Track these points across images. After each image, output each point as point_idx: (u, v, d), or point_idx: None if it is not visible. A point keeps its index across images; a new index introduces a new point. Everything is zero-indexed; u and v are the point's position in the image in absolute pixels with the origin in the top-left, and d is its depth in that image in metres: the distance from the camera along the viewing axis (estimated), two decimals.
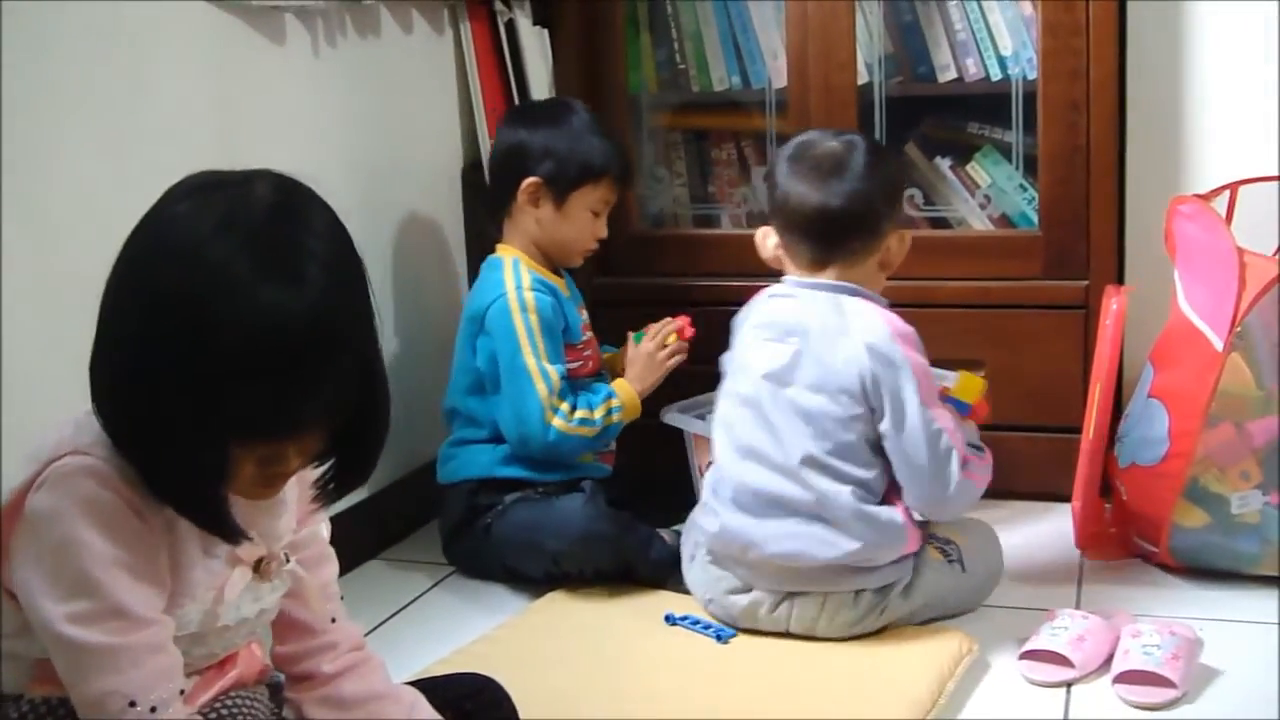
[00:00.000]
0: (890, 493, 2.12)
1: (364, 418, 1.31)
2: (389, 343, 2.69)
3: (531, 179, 2.52)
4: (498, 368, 2.45)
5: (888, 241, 2.17)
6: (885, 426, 2.07)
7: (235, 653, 1.42)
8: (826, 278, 2.15)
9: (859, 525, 2.06)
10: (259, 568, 1.36)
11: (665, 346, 2.55)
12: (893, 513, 2.09)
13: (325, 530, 1.51)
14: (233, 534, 1.29)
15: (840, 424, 2.08)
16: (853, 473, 2.08)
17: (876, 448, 2.10)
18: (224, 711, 1.35)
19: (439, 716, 1.50)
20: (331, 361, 1.23)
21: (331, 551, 1.51)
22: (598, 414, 2.45)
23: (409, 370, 2.74)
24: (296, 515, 1.43)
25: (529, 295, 2.46)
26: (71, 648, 1.22)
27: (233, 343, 1.17)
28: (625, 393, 2.50)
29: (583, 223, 2.56)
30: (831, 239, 2.14)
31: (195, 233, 1.20)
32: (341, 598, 1.51)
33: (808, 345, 2.10)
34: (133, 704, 1.21)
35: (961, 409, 2.17)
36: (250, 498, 1.31)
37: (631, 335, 2.60)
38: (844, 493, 2.06)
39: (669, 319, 2.59)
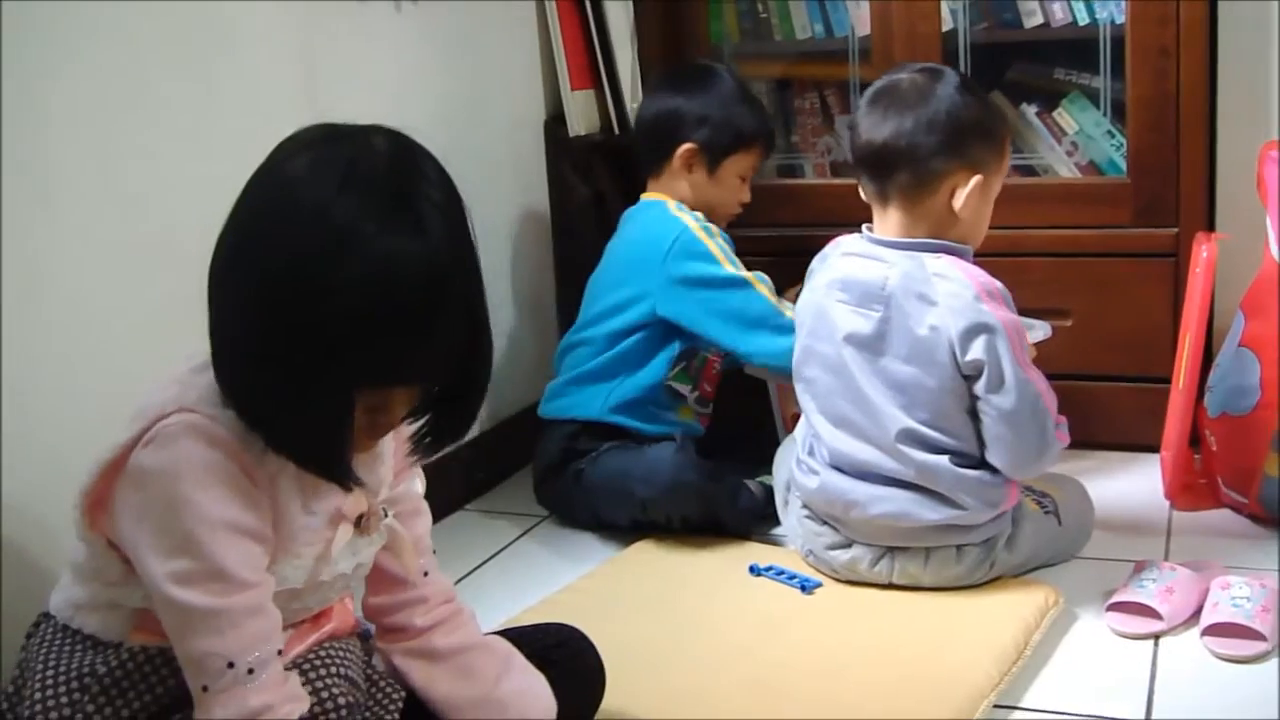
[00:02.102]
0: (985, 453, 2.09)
1: (469, 370, 1.32)
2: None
3: (688, 145, 2.59)
4: (702, 295, 2.45)
5: (950, 183, 2.07)
6: (980, 389, 2.02)
7: (330, 607, 1.44)
8: (892, 220, 2.09)
9: (959, 491, 2.05)
10: (360, 523, 1.38)
11: None
12: (991, 475, 2.07)
13: (420, 484, 1.53)
14: (352, 482, 1.30)
15: (934, 394, 2.04)
16: (949, 442, 2.05)
17: (971, 412, 2.06)
18: (316, 662, 1.38)
19: (532, 668, 1.52)
20: (448, 309, 1.24)
21: (425, 506, 1.54)
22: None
23: (498, 322, 2.75)
24: (393, 470, 1.45)
25: (709, 225, 2.52)
26: (174, 606, 1.24)
27: (361, 295, 1.18)
28: None
29: (732, 187, 2.63)
30: (880, 174, 2.09)
31: (319, 189, 1.21)
32: (434, 551, 1.54)
33: (892, 314, 2.05)
34: (230, 665, 1.24)
35: None
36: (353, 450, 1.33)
37: None
38: (942, 462, 2.04)
39: None
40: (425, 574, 1.49)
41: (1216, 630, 1.92)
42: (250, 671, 1.24)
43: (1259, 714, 1.74)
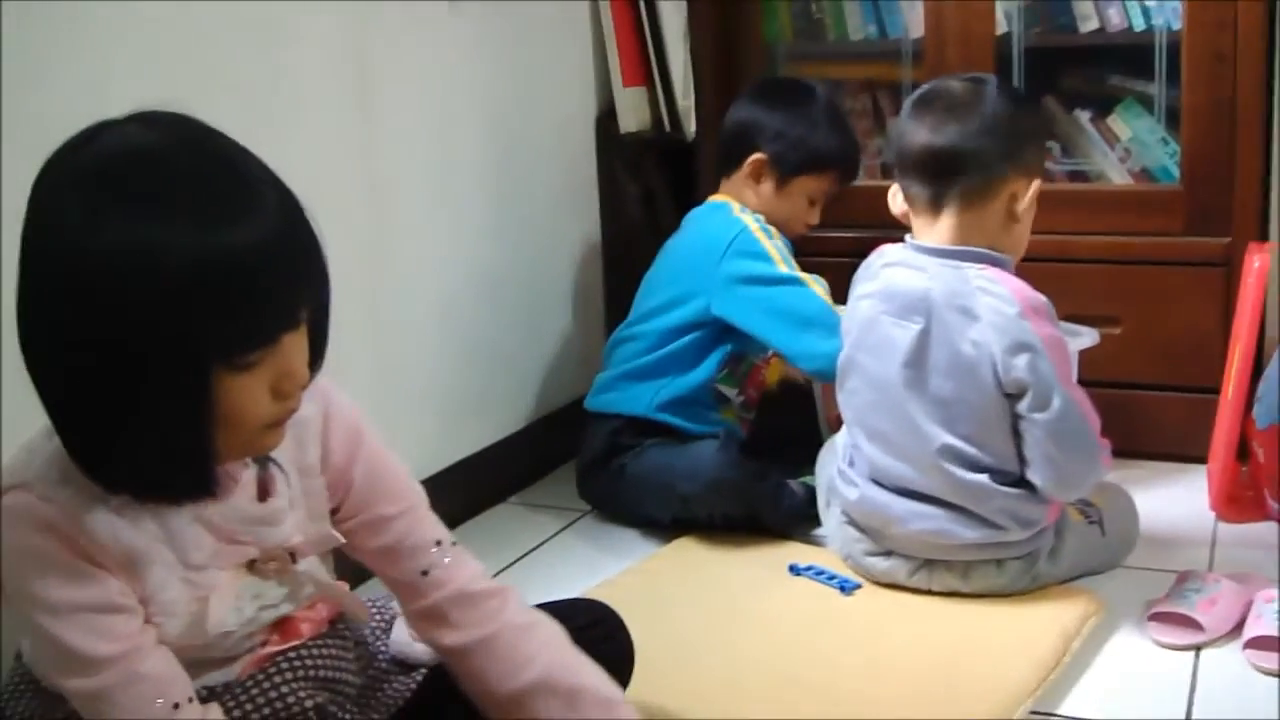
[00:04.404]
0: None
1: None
2: (523, 290, 2.73)
3: (758, 155, 2.58)
4: (757, 295, 2.44)
5: (1010, 188, 2.06)
6: (1024, 408, 2.00)
7: (292, 621, 1.40)
8: (945, 226, 2.07)
9: (997, 512, 2.03)
10: (253, 567, 1.34)
11: None
12: (1030, 493, 2.05)
13: (416, 493, 1.46)
14: (213, 485, 1.24)
15: (976, 410, 2.02)
16: (989, 460, 2.04)
17: (1013, 430, 2.03)
18: (273, 670, 1.35)
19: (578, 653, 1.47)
20: (294, 269, 1.19)
21: (417, 501, 1.46)
22: None
23: (546, 315, 2.78)
24: (316, 510, 1.40)
25: (768, 227, 2.51)
26: (67, 694, 1.24)
27: (186, 287, 1.12)
28: None
29: (799, 207, 2.62)
30: (941, 180, 2.06)
31: (88, 220, 1.13)
32: (454, 543, 1.46)
33: (933, 327, 2.04)
34: None
35: None
36: (263, 445, 1.27)
37: None
38: (982, 480, 2.03)
39: None
40: (425, 573, 1.42)
41: (1259, 643, 1.90)
42: None
43: None
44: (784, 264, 2.45)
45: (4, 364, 1.60)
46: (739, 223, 2.50)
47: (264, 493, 1.34)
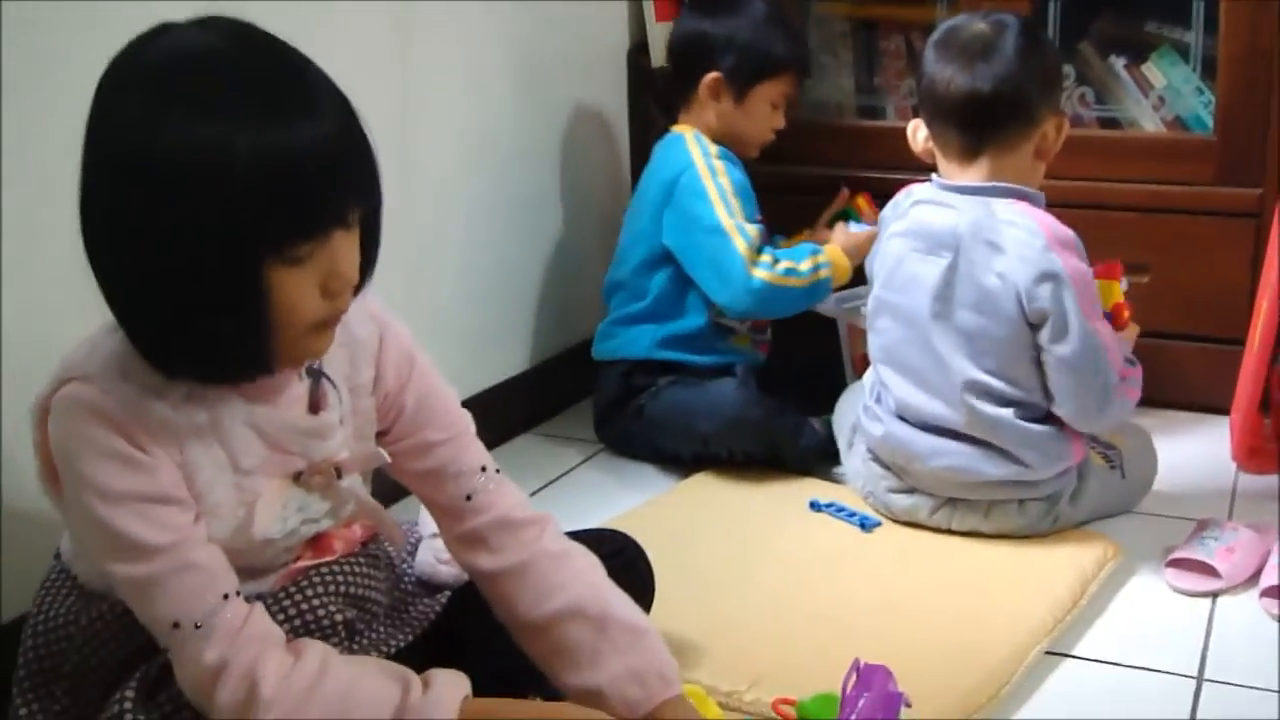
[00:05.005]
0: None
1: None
2: (551, 223, 2.73)
3: (713, 74, 2.53)
4: (689, 237, 2.46)
5: (1044, 128, 2.07)
6: (1044, 339, 2.01)
7: (328, 537, 1.42)
8: (978, 169, 2.07)
9: (1023, 447, 2.04)
10: (299, 479, 1.36)
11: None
12: (1057, 430, 2.06)
13: (463, 419, 1.47)
14: (269, 362, 1.25)
15: (1001, 344, 2.03)
16: (1015, 394, 2.04)
17: (1037, 363, 2.04)
18: (304, 584, 1.37)
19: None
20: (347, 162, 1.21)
21: (465, 427, 1.48)
22: (804, 266, 2.44)
23: (573, 248, 2.79)
24: (364, 428, 1.42)
25: (718, 163, 2.49)
26: (113, 580, 1.26)
27: (250, 183, 1.14)
28: (834, 254, 2.48)
29: (762, 116, 2.58)
30: (983, 126, 2.06)
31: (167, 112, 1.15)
32: (498, 470, 1.48)
33: (961, 262, 2.04)
34: (176, 625, 1.24)
35: None
36: (311, 348, 1.28)
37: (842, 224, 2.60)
38: (1006, 415, 2.03)
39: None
40: (468, 498, 1.44)
41: (1275, 592, 1.91)
42: (198, 626, 1.23)
43: None
44: (722, 207, 2.43)
45: (4, 363, 1.63)
46: (687, 158, 2.49)
47: (315, 407, 1.36)
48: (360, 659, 1.32)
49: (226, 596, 1.26)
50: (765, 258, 2.41)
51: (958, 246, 2.05)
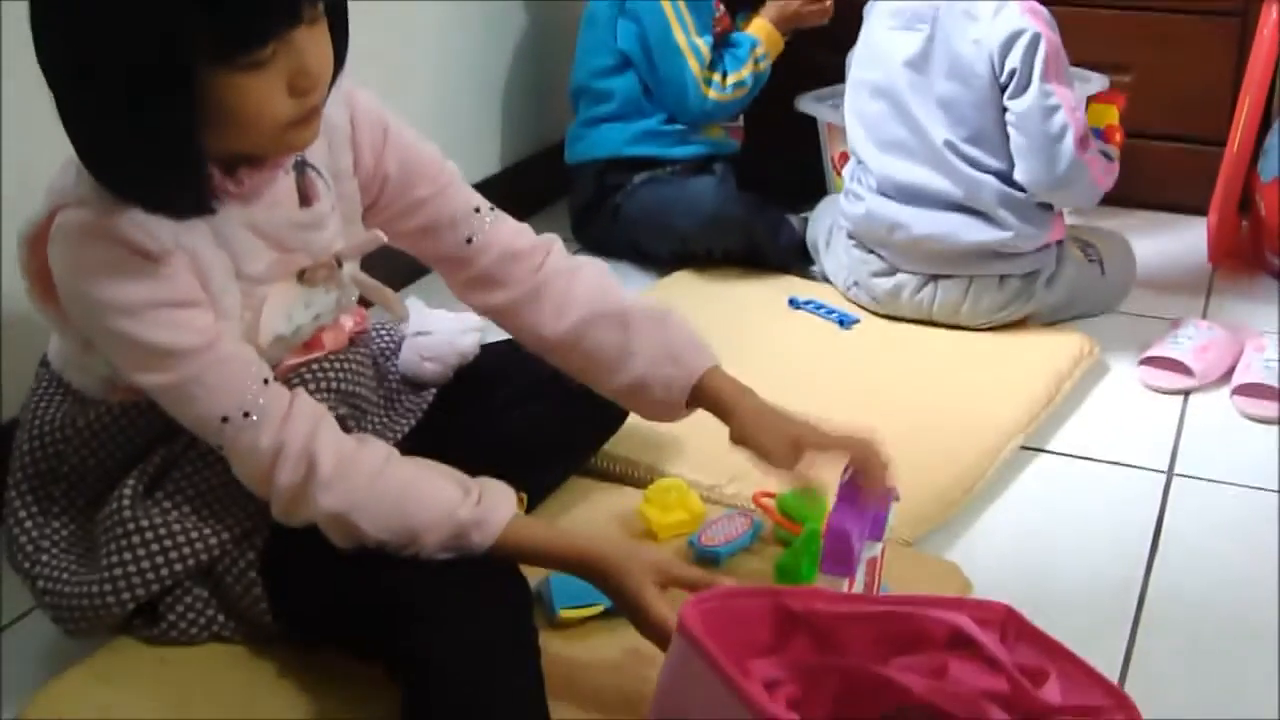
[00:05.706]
0: None
1: None
2: (517, 25, 2.68)
3: None
4: (645, 48, 2.45)
5: None
6: (1006, 98, 2.03)
7: (319, 337, 1.41)
8: None
9: (1005, 213, 2.05)
10: (303, 277, 1.35)
11: None
12: (1037, 201, 2.07)
13: (447, 168, 1.46)
14: (207, 197, 1.23)
15: (975, 109, 2.05)
16: (992, 162, 2.06)
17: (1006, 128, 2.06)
18: (296, 381, 1.36)
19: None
20: None
21: (450, 176, 1.46)
22: (746, 72, 2.47)
23: (534, 51, 2.73)
24: (351, 215, 1.41)
25: None
26: (151, 391, 1.25)
27: None
28: (765, 32, 2.51)
29: None
30: None
31: None
32: (492, 208, 1.48)
33: (937, 32, 2.06)
34: (225, 419, 1.24)
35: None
36: (293, 143, 1.25)
37: None
38: (988, 180, 2.05)
39: None
40: (469, 240, 1.44)
41: (1246, 390, 1.94)
42: (246, 415, 1.24)
43: None
44: (676, 22, 2.42)
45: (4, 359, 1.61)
46: None
47: (305, 199, 1.35)
48: (424, 460, 1.32)
49: (266, 382, 1.26)
50: (715, 76, 2.45)
51: (935, 17, 2.07)
